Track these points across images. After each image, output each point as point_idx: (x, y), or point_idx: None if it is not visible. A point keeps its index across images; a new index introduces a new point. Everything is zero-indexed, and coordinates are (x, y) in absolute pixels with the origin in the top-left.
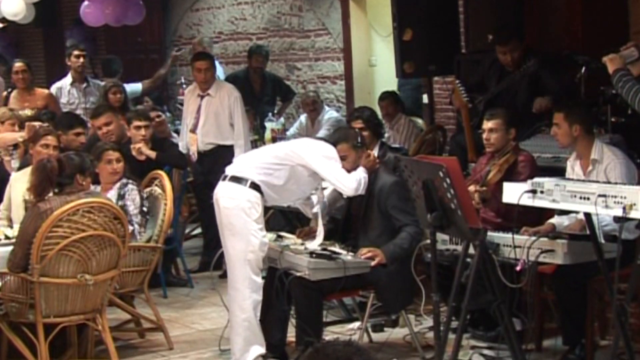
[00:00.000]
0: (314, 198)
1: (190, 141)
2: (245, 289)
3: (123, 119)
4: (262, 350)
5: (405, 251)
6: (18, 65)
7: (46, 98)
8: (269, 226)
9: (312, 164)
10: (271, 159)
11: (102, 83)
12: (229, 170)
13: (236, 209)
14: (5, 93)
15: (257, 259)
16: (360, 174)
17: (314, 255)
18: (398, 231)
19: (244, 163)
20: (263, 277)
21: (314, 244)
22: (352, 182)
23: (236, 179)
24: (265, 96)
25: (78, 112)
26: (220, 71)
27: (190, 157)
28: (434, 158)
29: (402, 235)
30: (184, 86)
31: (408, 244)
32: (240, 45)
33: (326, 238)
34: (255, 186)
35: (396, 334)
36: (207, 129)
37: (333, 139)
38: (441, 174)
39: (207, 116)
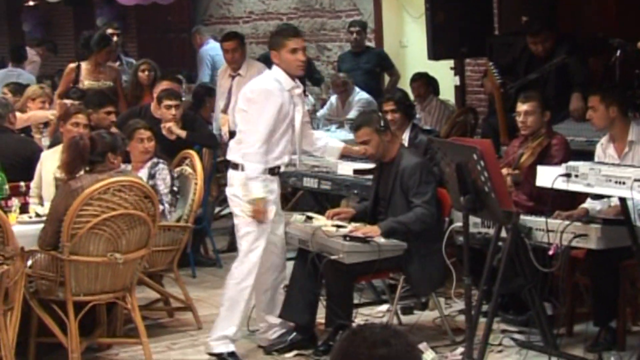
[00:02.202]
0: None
1: (222, 121)
2: (237, 268)
3: (152, 97)
4: (231, 331)
5: (404, 227)
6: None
7: (116, 72)
8: (298, 207)
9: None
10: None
11: (134, 62)
12: (228, 156)
13: (232, 195)
14: (73, 65)
15: (255, 238)
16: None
17: (347, 238)
18: None
19: (234, 145)
20: (293, 258)
21: None
22: (256, 143)
23: (233, 165)
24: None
25: None
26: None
27: (222, 138)
28: (468, 140)
29: (408, 214)
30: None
31: (409, 221)
32: (270, 25)
33: (356, 220)
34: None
35: (426, 316)
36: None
37: (355, 124)
38: (475, 156)
39: (237, 96)
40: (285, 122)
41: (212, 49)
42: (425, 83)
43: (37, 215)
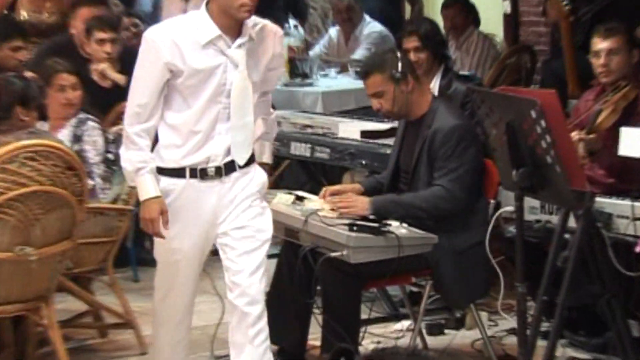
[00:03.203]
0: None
1: None
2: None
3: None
4: None
5: (406, 210)
6: None
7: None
8: (284, 183)
9: None
10: None
11: None
12: None
13: None
14: None
15: (169, 278)
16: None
17: (354, 227)
18: None
19: None
20: (276, 255)
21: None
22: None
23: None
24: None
25: None
26: None
27: None
28: (523, 91)
29: (419, 194)
30: None
31: (418, 203)
32: None
33: None
34: (160, 170)
35: (462, 338)
36: None
37: (363, 70)
38: (534, 113)
39: None
40: (203, 94)
41: None
42: (463, 10)
43: None
